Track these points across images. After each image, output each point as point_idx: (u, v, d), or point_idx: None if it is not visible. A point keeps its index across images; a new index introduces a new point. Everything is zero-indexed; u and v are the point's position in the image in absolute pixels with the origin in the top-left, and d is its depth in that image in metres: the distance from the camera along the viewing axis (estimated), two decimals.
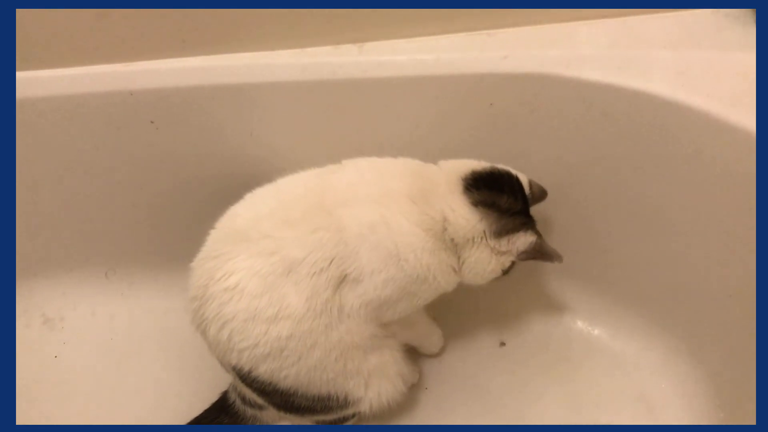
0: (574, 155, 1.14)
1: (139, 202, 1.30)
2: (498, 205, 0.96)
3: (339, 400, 1.02)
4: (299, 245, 0.91)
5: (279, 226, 0.93)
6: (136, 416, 1.23)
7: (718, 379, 1.17)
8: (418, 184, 0.97)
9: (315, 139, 1.20)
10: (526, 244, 0.97)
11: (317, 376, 0.97)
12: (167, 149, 1.22)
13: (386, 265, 0.92)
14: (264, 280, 0.90)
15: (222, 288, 0.92)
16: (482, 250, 0.97)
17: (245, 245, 0.93)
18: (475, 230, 0.95)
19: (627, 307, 1.28)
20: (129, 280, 1.40)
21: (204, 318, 0.95)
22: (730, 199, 1.04)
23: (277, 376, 0.95)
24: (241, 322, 0.91)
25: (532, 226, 1.00)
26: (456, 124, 1.15)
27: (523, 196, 1.00)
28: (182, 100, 1.16)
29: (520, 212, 0.99)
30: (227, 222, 0.99)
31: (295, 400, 1.00)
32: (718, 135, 0.99)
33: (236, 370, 0.97)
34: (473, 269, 0.98)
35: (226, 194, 1.24)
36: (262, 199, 1.00)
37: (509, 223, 0.97)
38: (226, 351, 0.94)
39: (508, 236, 0.97)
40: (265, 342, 0.91)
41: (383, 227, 0.91)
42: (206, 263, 0.95)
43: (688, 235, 1.13)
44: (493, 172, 1.00)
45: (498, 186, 0.98)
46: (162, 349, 1.33)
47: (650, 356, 1.26)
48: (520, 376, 1.28)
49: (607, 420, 1.20)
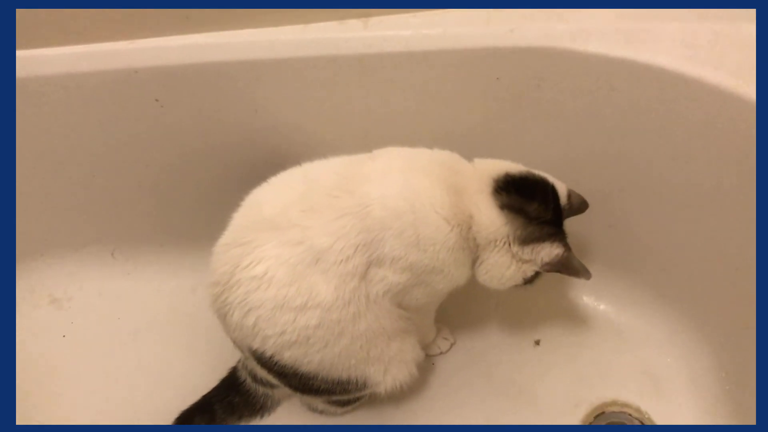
0: (581, 129, 1.13)
1: (144, 181, 1.29)
2: (526, 211, 0.95)
3: (358, 383, 1.02)
4: (325, 233, 0.90)
5: (306, 213, 0.92)
6: (144, 394, 1.24)
7: (722, 352, 1.18)
8: (451, 177, 0.96)
9: (320, 116, 1.19)
10: (551, 256, 0.96)
11: (340, 362, 0.97)
12: (172, 127, 1.21)
13: (407, 252, 0.91)
14: (293, 270, 0.90)
15: (249, 276, 0.91)
16: (503, 254, 0.96)
17: (273, 233, 0.92)
18: (498, 233, 0.94)
19: (633, 282, 1.29)
20: (135, 259, 1.40)
21: (227, 303, 0.94)
22: (738, 172, 1.04)
23: (300, 362, 0.95)
24: (268, 310, 0.91)
25: (560, 238, 0.98)
26: (462, 99, 1.14)
27: (555, 206, 0.98)
28: (186, 77, 1.15)
29: (550, 222, 0.97)
30: (254, 208, 0.98)
31: (315, 383, 1.00)
32: (727, 107, 0.99)
33: (257, 354, 0.97)
34: (490, 272, 0.98)
35: (232, 173, 1.24)
36: (288, 185, 0.98)
37: (536, 232, 0.95)
38: (249, 336, 0.94)
39: (533, 245, 0.95)
40: (293, 330, 0.91)
41: (410, 215, 0.90)
42: (232, 249, 0.94)
43: (694, 209, 1.13)
44: (527, 177, 0.99)
45: (529, 192, 0.97)
46: (169, 328, 1.34)
47: (656, 331, 1.27)
48: (525, 350, 1.28)
49: (612, 394, 1.21)
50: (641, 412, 1.19)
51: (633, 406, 1.19)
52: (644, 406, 1.19)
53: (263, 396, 1.18)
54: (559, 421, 1.19)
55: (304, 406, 1.21)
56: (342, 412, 1.20)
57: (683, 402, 1.19)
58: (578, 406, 1.20)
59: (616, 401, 1.20)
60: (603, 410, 1.20)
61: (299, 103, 1.18)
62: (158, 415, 1.16)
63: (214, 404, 1.17)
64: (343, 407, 1.18)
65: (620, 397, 1.21)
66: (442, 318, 1.22)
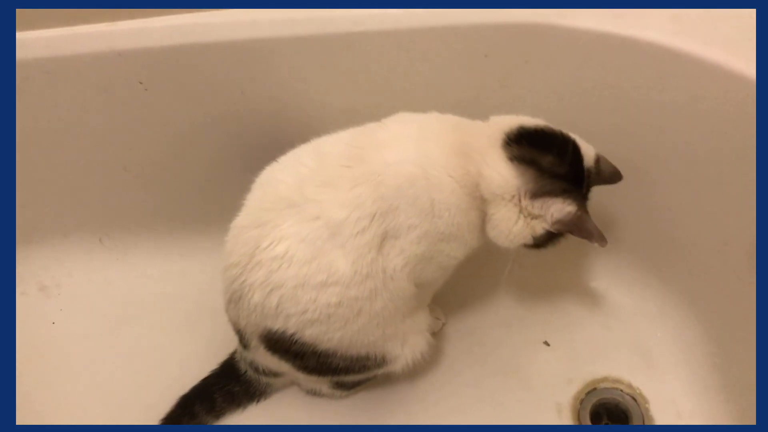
0: (570, 105, 1.13)
1: (131, 165, 1.28)
2: (539, 163, 0.90)
3: (377, 359, 1.02)
4: (341, 205, 0.89)
5: (321, 188, 0.91)
6: (136, 380, 1.23)
7: (712, 326, 1.18)
8: (460, 137, 0.93)
9: (307, 97, 1.18)
10: (562, 213, 0.90)
11: (359, 339, 0.97)
12: (157, 110, 1.20)
13: (422, 220, 0.90)
14: (312, 246, 0.89)
15: (271, 256, 0.90)
16: (510, 209, 0.91)
17: (290, 211, 0.91)
18: (507, 186, 0.90)
19: (623, 258, 1.29)
20: (124, 245, 1.38)
21: (246, 284, 0.93)
22: (727, 146, 1.04)
23: (320, 339, 0.95)
24: (290, 288, 0.90)
25: (576, 196, 0.91)
26: (451, 76, 1.13)
27: (575, 162, 0.93)
28: (170, 59, 1.13)
29: (565, 178, 0.91)
30: (268, 188, 0.97)
31: (333, 361, 0.99)
32: (716, 81, 0.99)
33: (276, 335, 0.96)
34: (497, 227, 0.93)
35: (220, 156, 1.24)
36: (300, 161, 0.96)
37: (548, 185, 0.90)
38: (270, 316, 0.93)
39: (544, 199, 0.90)
40: (315, 308, 0.91)
41: (423, 181, 0.89)
42: (249, 231, 0.93)
43: (684, 185, 1.13)
44: (543, 129, 0.94)
45: (544, 144, 0.92)
46: (160, 314, 1.32)
47: (647, 307, 1.28)
48: (516, 327, 1.29)
49: (604, 370, 1.22)
50: (633, 388, 1.19)
51: (625, 382, 1.20)
52: (636, 381, 1.20)
53: (265, 385, 1.17)
54: (552, 397, 1.19)
55: (304, 390, 1.20)
56: (345, 395, 1.19)
57: (674, 376, 1.20)
58: (571, 383, 1.21)
59: (607, 377, 1.21)
60: (595, 386, 1.20)
61: (286, 84, 1.16)
62: (151, 401, 1.15)
63: (214, 393, 1.16)
64: (349, 390, 1.18)
65: (612, 372, 1.22)
66: (433, 299, 1.22)
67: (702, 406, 1.15)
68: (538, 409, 1.18)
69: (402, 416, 1.19)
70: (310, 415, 1.19)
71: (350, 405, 1.20)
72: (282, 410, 1.20)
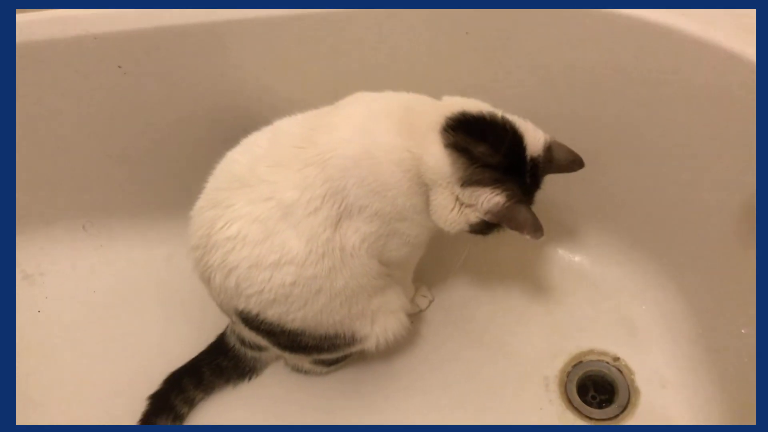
0: (555, 84, 1.13)
1: (112, 151, 1.27)
2: (471, 152, 0.88)
3: (346, 338, 1.03)
4: (292, 186, 0.89)
5: (273, 168, 0.91)
6: (124, 366, 1.23)
7: (695, 296, 1.20)
8: (408, 119, 0.92)
9: (288, 76, 1.17)
10: (491, 203, 0.88)
11: (324, 318, 0.97)
12: (137, 95, 1.18)
13: (371, 201, 0.90)
14: (264, 226, 0.89)
15: (224, 237, 0.91)
16: (446, 196, 0.90)
17: (243, 191, 0.91)
18: (440, 173, 0.89)
19: (606, 232, 1.30)
20: (107, 231, 1.38)
21: (208, 266, 0.94)
22: (707, 119, 1.05)
23: (284, 320, 0.96)
24: (245, 269, 0.91)
25: (509, 187, 0.89)
26: (432, 55, 1.13)
27: (512, 151, 0.90)
28: (148, 42, 1.12)
29: (499, 168, 0.89)
30: (225, 168, 0.97)
31: (303, 340, 1.01)
32: (696, 54, 0.99)
33: (243, 314, 0.97)
34: (436, 213, 0.93)
35: (202, 139, 1.23)
36: (257, 142, 0.97)
37: (476, 175, 0.88)
38: (234, 297, 0.95)
39: (473, 188, 0.88)
40: (270, 289, 0.91)
41: (367, 161, 0.89)
42: (206, 212, 0.94)
43: (665, 158, 1.14)
44: (483, 117, 0.91)
45: (480, 133, 0.89)
46: (145, 299, 1.32)
47: (630, 280, 1.29)
48: (502, 304, 1.30)
49: (590, 343, 1.23)
50: (618, 359, 1.21)
51: (610, 354, 1.22)
52: (621, 353, 1.22)
53: (252, 359, 1.19)
54: (539, 371, 1.21)
55: (289, 367, 1.21)
56: (327, 371, 1.20)
57: (658, 348, 1.22)
58: (556, 357, 1.22)
59: (593, 350, 1.23)
60: (581, 359, 1.22)
61: (266, 64, 1.15)
62: (141, 386, 1.15)
63: (202, 367, 1.17)
64: (329, 366, 1.19)
65: (597, 345, 1.23)
66: (419, 276, 1.23)
67: (685, 375, 1.17)
68: (525, 384, 1.20)
69: (390, 391, 1.20)
70: (298, 393, 1.20)
71: (338, 380, 1.21)
72: (268, 387, 1.21)
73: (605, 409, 1.17)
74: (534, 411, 1.16)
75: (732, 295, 1.11)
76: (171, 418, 1.14)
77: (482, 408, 1.18)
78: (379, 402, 1.19)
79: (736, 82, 0.98)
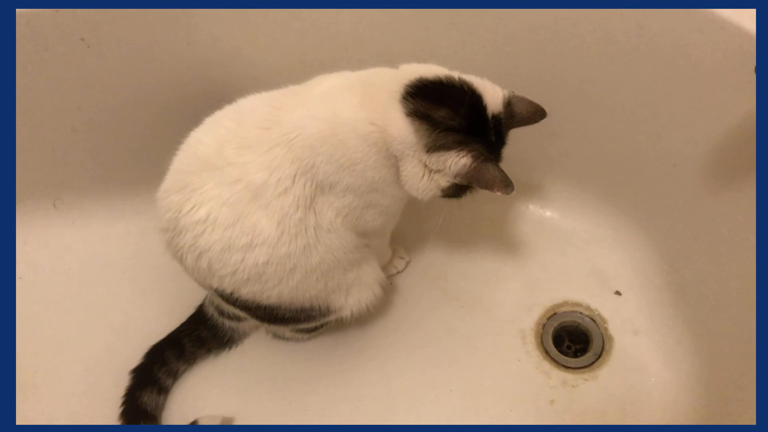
0: (516, 41, 1.14)
1: (78, 126, 1.24)
2: (432, 117, 0.87)
3: (321, 309, 1.04)
4: (260, 167, 0.89)
5: (241, 150, 0.90)
6: (104, 343, 1.23)
7: (663, 244, 1.24)
8: (369, 92, 0.91)
9: (257, 42, 1.16)
10: (458, 166, 0.88)
11: (299, 294, 0.98)
12: (102, 67, 1.16)
13: (341, 176, 0.90)
14: (233, 209, 0.89)
15: (193, 220, 0.90)
16: (415, 164, 0.90)
17: (210, 174, 0.90)
18: (405, 143, 0.88)
19: (575, 187, 1.33)
20: (79, 207, 1.36)
21: (179, 248, 0.94)
22: (670, 74, 1.07)
23: (259, 297, 0.97)
24: (217, 252, 0.91)
25: (474, 147, 0.88)
26: (396, 25, 1.13)
27: (472, 113, 0.89)
28: (111, 13, 1.10)
29: (461, 129, 0.88)
30: (190, 150, 0.95)
31: (279, 313, 1.02)
32: (661, 14, 1.01)
33: (218, 292, 0.98)
34: (407, 182, 0.93)
35: (171, 111, 1.21)
36: (221, 122, 0.95)
37: (440, 139, 0.87)
38: (207, 276, 0.95)
39: (439, 153, 0.88)
40: (243, 269, 0.92)
41: (333, 138, 0.88)
42: (172, 195, 0.93)
43: (631, 114, 1.16)
44: (440, 81, 0.90)
45: (439, 97, 0.88)
46: (121, 274, 1.32)
47: (600, 232, 1.33)
48: (477, 261, 1.32)
49: (563, 295, 1.27)
50: (591, 309, 1.25)
51: (583, 305, 1.26)
52: (594, 303, 1.26)
53: (230, 329, 1.20)
54: (515, 325, 1.24)
55: (270, 334, 1.23)
56: (308, 338, 1.22)
57: (630, 296, 1.26)
58: (531, 310, 1.26)
59: (567, 301, 1.26)
60: (555, 311, 1.25)
61: (234, 32, 1.14)
62: (120, 363, 1.15)
63: (183, 338, 1.18)
64: (309, 333, 1.21)
65: (570, 297, 1.27)
66: (396, 238, 1.24)
67: (656, 321, 1.21)
68: (503, 337, 1.23)
69: (371, 353, 1.22)
70: (281, 360, 1.22)
71: (319, 345, 1.23)
72: (251, 356, 1.22)
73: (581, 357, 1.21)
74: (512, 363, 1.20)
75: (698, 242, 1.15)
76: (156, 391, 1.15)
77: (461, 364, 1.21)
78: (361, 364, 1.21)
79: (699, 40, 1.00)
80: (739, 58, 0.96)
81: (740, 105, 0.98)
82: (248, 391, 1.19)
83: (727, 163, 1.06)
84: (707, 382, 1.09)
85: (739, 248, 1.04)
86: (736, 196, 1.04)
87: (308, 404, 1.17)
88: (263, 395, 1.19)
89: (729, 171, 1.06)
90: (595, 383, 1.17)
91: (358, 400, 1.17)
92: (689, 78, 1.05)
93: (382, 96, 0.89)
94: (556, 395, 1.16)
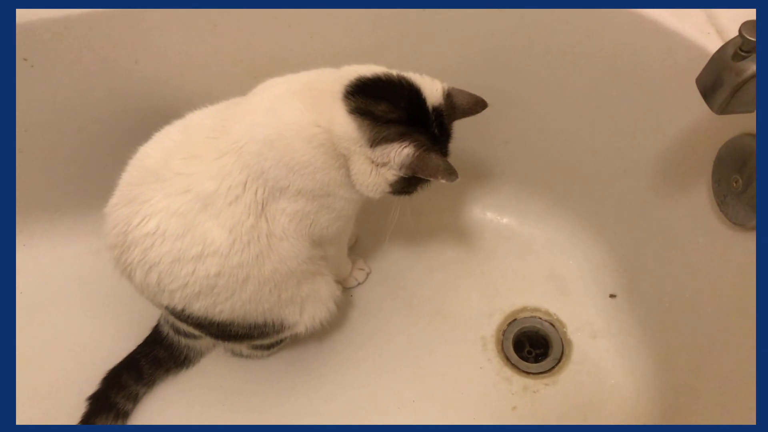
0: (467, 47, 1.15)
1: (24, 146, 1.20)
2: (373, 113, 0.89)
3: (275, 325, 1.03)
4: (209, 177, 0.88)
5: (188, 160, 0.90)
6: (62, 366, 1.20)
7: (618, 248, 1.26)
8: (312, 94, 0.91)
9: (206, 63, 1.15)
10: (401, 156, 0.88)
11: (252, 308, 0.97)
12: (46, 87, 1.14)
13: (291, 181, 0.90)
14: (184, 219, 0.88)
15: (142, 233, 0.89)
16: (362, 161, 0.90)
17: (158, 185, 0.89)
18: (350, 140, 0.89)
19: (532, 194, 1.34)
20: (29, 229, 1.32)
21: (128, 264, 0.93)
22: (618, 81, 1.09)
23: (211, 312, 0.95)
24: (167, 264, 0.90)
25: (416, 137, 0.89)
26: (345, 35, 1.14)
27: (411, 105, 0.91)
28: (55, 32, 1.08)
29: (402, 122, 0.89)
30: (137, 163, 0.95)
31: (232, 329, 1.00)
32: (605, 21, 1.03)
33: (169, 309, 0.97)
34: (357, 180, 0.93)
35: (119, 130, 1.19)
36: (169, 135, 0.95)
37: (382, 132, 0.88)
38: (157, 293, 0.94)
39: (382, 146, 0.88)
40: (194, 282, 0.91)
41: (280, 143, 0.88)
42: (121, 209, 0.92)
43: (581, 119, 1.18)
44: (378, 78, 0.92)
45: (378, 93, 0.90)
46: (76, 296, 1.29)
47: (557, 237, 1.34)
48: (437, 270, 1.33)
49: (522, 301, 1.28)
50: (550, 314, 1.26)
51: (542, 310, 1.27)
52: (552, 308, 1.27)
53: (186, 348, 1.18)
54: (476, 332, 1.24)
55: (228, 352, 1.21)
56: (267, 355, 1.21)
57: (587, 299, 1.27)
58: (492, 316, 1.26)
59: (526, 307, 1.27)
60: (515, 317, 1.26)
61: (182, 50, 1.13)
62: (76, 387, 1.13)
63: (140, 360, 1.16)
64: (268, 350, 1.19)
65: (530, 302, 1.28)
66: (354, 249, 1.24)
67: (613, 324, 1.23)
68: (464, 346, 1.23)
69: (331, 365, 1.21)
70: (242, 377, 1.20)
71: (279, 360, 1.22)
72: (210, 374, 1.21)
73: (541, 362, 1.22)
74: (474, 370, 1.20)
75: (650, 245, 1.17)
76: (112, 417, 1.12)
77: (423, 373, 1.20)
78: (323, 376, 1.20)
79: (648, 45, 1.02)
80: (686, 65, 0.98)
81: (688, 111, 0.99)
82: (212, 409, 1.17)
83: (676, 168, 1.08)
84: (663, 383, 1.11)
85: (691, 251, 1.06)
86: (686, 200, 1.06)
87: (273, 418, 1.16)
88: (226, 413, 1.17)
89: (678, 176, 1.08)
90: (556, 388, 1.18)
91: (321, 413, 1.16)
92: (637, 84, 1.07)
93: (324, 98, 0.90)
94: (518, 401, 1.17)
